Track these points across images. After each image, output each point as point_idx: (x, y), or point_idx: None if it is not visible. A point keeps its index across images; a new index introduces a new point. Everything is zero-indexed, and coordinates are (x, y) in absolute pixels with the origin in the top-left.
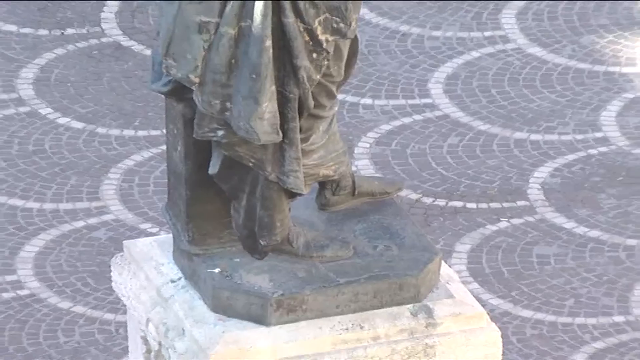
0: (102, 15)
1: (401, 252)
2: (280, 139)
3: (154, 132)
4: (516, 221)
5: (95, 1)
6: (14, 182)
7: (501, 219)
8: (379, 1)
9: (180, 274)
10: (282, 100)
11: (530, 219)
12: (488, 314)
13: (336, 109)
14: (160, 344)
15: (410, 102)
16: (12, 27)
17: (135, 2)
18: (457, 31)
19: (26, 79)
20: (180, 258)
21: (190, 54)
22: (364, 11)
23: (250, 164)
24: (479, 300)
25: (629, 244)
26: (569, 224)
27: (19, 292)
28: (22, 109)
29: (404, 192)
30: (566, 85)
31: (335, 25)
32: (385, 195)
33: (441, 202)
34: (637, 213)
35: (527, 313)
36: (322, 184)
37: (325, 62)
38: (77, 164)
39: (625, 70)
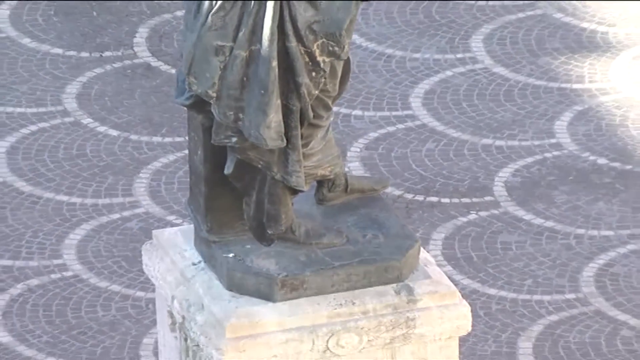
0: (135, 40)
1: (386, 239)
2: (285, 145)
3: (178, 139)
4: (483, 214)
5: (128, 28)
6: (60, 181)
7: (470, 211)
8: (368, 28)
9: (200, 258)
10: (286, 112)
11: (495, 211)
12: (460, 292)
13: (331, 119)
14: (183, 317)
15: (394, 113)
16: (59, 50)
17: (160, 31)
18: (433, 54)
19: (70, 94)
20: (200, 245)
21: (208, 73)
22: (355, 37)
23: (259, 166)
24: (452, 280)
25: (578, 232)
26: (528, 216)
27: (64, 273)
28: (67, 119)
29: (389, 189)
30: (525, 99)
31: (330, 48)
32: (373, 192)
33: (420, 198)
34: (585, 207)
35: (492, 291)
36: (320, 182)
37: (323, 80)
38: (113, 166)
39: (575, 86)
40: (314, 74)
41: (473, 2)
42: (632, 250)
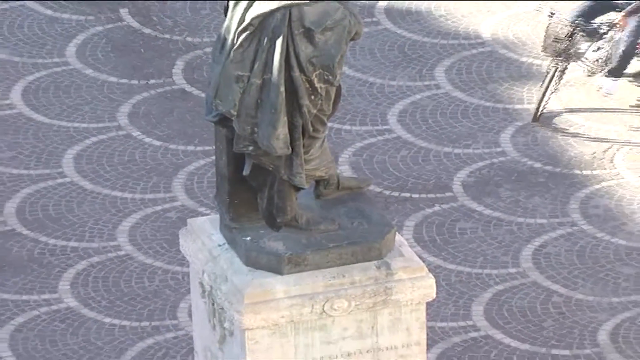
0: (173, 70)
1: (370, 226)
2: (290, 152)
3: (207, 148)
4: (445, 206)
5: (168, 61)
6: (115, 181)
7: (435, 205)
8: (355, 61)
9: (224, 241)
10: (291, 127)
11: (454, 204)
12: (426, 267)
13: (326, 132)
14: (211, 287)
15: (375, 128)
16: (114, 79)
17: (193, 64)
18: (406, 81)
19: (123, 113)
20: (224, 230)
21: (231, 96)
22: (345, 68)
23: (270, 168)
24: (420, 258)
25: (519, 220)
26: (480, 208)
27: (118, 252)
28: (120, 132)
29: (371, 187)
30: (477, 117)
31: (326, 77)
32: (359, 189)
33: (395, 194)
34: (524, 201)
35: (452, 266)
36: (317, 182)
37: (320, 102)
38: (156, 169)
39: (516, 107)
40: (313, 97)
41: (436, 41)
42: (561, 235)
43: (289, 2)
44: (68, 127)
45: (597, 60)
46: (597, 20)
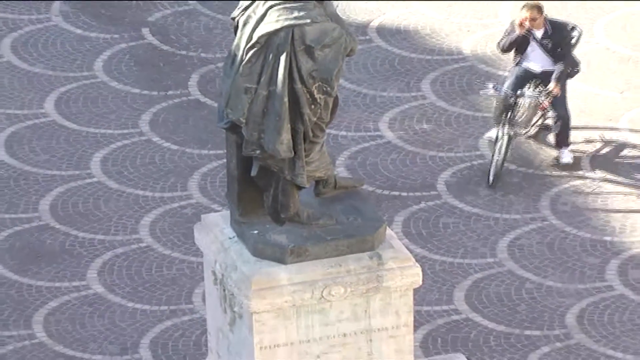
0: (189, 83)
1: (363, 221)
2: (293, 155)
3: (219, 151)
4: (430, 203)
5: (185, 75)
6: (137, 180)
7: (421, 202)
8: (350, 75)
9: (234, 234)
10: (294, 133)
11: (438, 202)
12: (414, 257)
13: (325, 137)
14: (222, 275)
15: (368, 134)
16: (136, 90)
17: (207, 77)
18: (395, 92)
19: (145, 120)
20: (234, 225)
21: (240, 106)
22: (341, 81)
23: (275, 170)
24: (408, 249)
25: (496, 216)
26: (461, 205)
27: (140, 244)
28: (142, 138)
29: (365, 186)
30: (459, 124)
31: (324, 89)
32: (354, 188)
33: (386, 192)
34: (500, 198)
35: (436, 257)
36: (317, 181)
37: (319, 111)
38: (174, 170)
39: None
40: (313, 106)
41: (422, 56)
42: (533, 229)
43: (292, 22)
44: (95, 133)
45: (539, 125)
46: (534, 89)
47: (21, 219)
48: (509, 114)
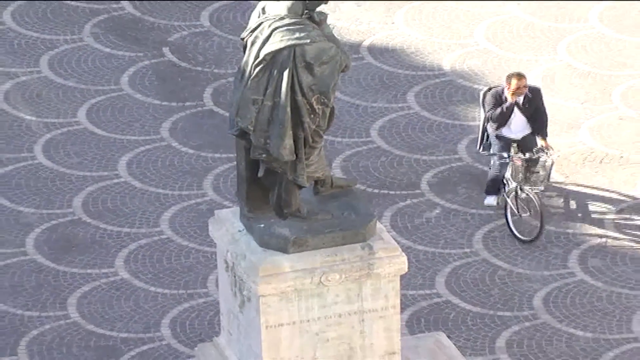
0: (204, 95)
1: (357, 216)
2: (294, 158)
3: (230, 155)
4: (414, 200)
5: (200, 88)
6: (158, 180)
7: (407, 199)
8: (345, 88)
9: (243, 227)
10: (295, 139)
11: (422, 199)
12: (400, 248)
13: (323, 143)
14: (233, 263)
15: (360, 140)
16: (157, 101)
17: (219, 89)
18: (384, 103)
19: (165, 128)
20: (243, 219)
21: (248, 115)
22: (337, 93)
23: (279, 171)
24: (396, 240)
25: (472, 212)
26: (442, 202)
27: (161, 236)
28: (162, 143)
29: (358, 186)
30: (440, 131)
31: (322, 100)
32: (348, 187)
33: (376, 191)
34: (476, 196)
35: (420, 247)
36: (316, 181)
37: (318, 120)
38: (190, 171)
39: (470, 124)
40: (312, 116)
41: (408, 72)
42: (504, 223)
43: (294, 42)
44: (122, 139)
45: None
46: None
47: (57, 214)
48: (527, 173)
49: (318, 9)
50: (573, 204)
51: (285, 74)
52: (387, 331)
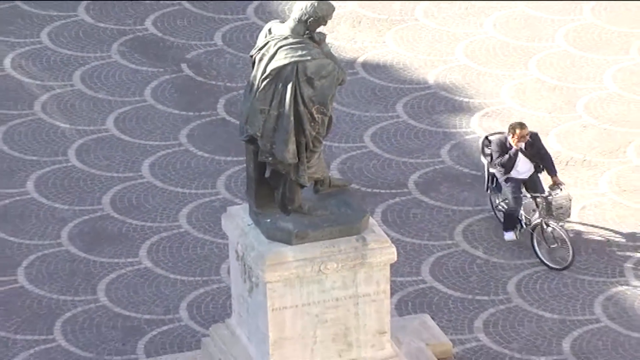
0: (217, 105)
1: (352, 212)
2: (297, 161)
3: (240, 158)
4: (402, 198)
5: (214, 99)
6: (177, 180)
7: (395, 197)
8: (341, 99)
9: (252, 222)
10: (298, 144)
11: (409, 197)
12: (390, 240)
13: (322, 148)
14: (243, 253)
15: (355, 145)
16: (177, 111)
17: (231, 101)
18: (376, 113)
19: (183, 134)
20: (252, 214)
21: (256, 123)
22: (335, 104)
23: (283, 172)
24: (386, 234)
25: (453, 208)
26: (426, 200)
27: (179, 229)
28: (181, 148)
29: (352, 185)
30: (425, 137)
31: (322, 110)
32: (344, 186)
33: (369, 190)
34: (457, 194)
35: (407, 239)
36: (316, 181)
37: (317, 127)
38: (205, 172)
39: (452, 130)
40: (312, 124)
41: (397, 85)
42: (482, 218)
43: (296, 59)
44: (145, 144)
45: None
46: (544, 188)
47: (88, 210)
48: (546, 210)
49: (318, 30)
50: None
51: (289, 87)
52: (378, 313)
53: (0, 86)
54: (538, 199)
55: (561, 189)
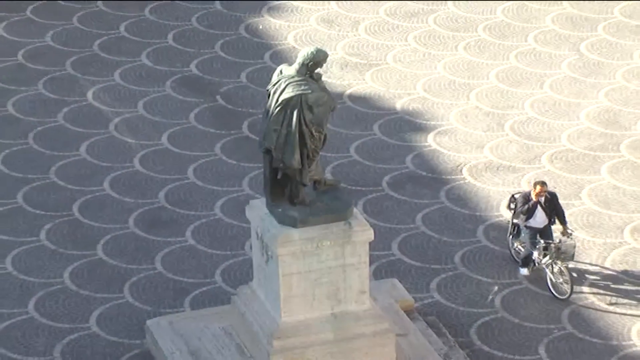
0: (242, 126)
1: (341, 204)
2: (301, 167)
3: (259, 164)
4: (377, 194)
5: (239, 121)
6: (213, 181)
7: (373, 193)
8: (333, 121)
9: (267, 211)
10: (301, 154)
11: (382, 193)
12: (369, 224)
13: (319, 157)
14: (261, 234)
15: (343, 154)
16: (213, 130)
17: (253, 123)
18: (358, 131)
19: (217, 147)
20: (268, 206)
21: (271, 139)
22: (329, 125)
23: (291, 175)
24: (366, 220)
25: (415, 201)
26: (396, 195)
27: (215, 217)
28: (216, 157)
29: (342, 184)
30: (394, 150)
31: (319, 129)
32: (335, 185)
33: (354, 188)
34: (418, 192)
35: (381, 224)
36: (315, 182)
37: (316, 142)
38: (234, 175)
39: (415, 144)
40: (312, 139)
41: (374, 111)
42: (436, 208)
43: (300, 92)
44: (189, 154)
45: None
46: (551, 233)
47: (147, 202)
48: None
49: (316, 71)
50: (477, 197)
51: (295, 112)
52: (360, 278)
53: (84, 112)
54: (550, 245)
55: (570, 237)
